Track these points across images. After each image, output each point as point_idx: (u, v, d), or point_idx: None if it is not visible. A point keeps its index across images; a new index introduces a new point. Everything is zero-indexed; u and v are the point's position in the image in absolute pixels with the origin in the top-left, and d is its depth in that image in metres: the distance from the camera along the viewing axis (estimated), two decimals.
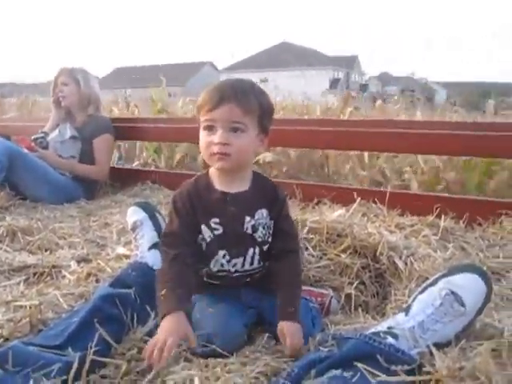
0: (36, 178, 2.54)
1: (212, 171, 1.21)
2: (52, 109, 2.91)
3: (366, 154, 3.20)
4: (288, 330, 1.10)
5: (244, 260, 1.20)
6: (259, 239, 1.20)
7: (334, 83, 45.58)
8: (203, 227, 1.17)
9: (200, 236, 1.18)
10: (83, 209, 2.45)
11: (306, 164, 3.47)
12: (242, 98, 1.11)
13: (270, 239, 1.23)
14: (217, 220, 1.17)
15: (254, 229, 1.19)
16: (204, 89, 1.15)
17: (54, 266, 1.56)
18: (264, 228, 1.21)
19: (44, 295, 1.30)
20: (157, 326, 1.10)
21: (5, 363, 0.90)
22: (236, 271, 1.20)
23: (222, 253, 1.18)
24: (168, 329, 1.02)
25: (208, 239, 1.18)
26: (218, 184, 1.19)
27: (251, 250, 1.20)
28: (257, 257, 1.21)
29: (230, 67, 51.07)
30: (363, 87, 50.33)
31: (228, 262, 1.19)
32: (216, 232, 1.17)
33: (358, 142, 2.38)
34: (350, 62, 54.38)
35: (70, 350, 0.99)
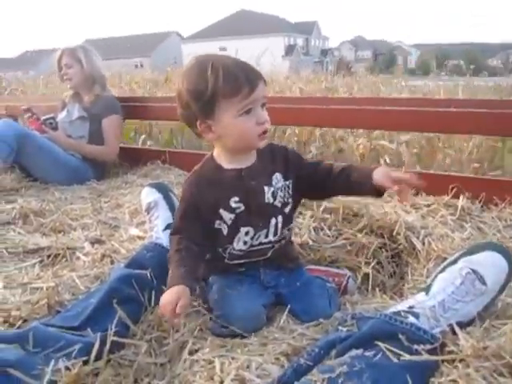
0: (46, 160, 2.52)
1: (218, 153, 1.19)
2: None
3: None
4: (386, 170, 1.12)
5: (267, 231, 1.19)
6: (279, 204, 1.19)
7: (290, 50, 46.52)
8: (222, 211, 1.15)
9: (217, 222, 1.16)
10: (94, 190, 2.43)
11: None
12: (261, 74, 1.11)
13: (289, 200, 1.21)
14: (236, 198, 1.15)
15: (274, 196, 1.18)
16: (198, 75, 1.07)
17: (68, 248, 1.55)
18: (282, 191, 1.20)
19: (60, 277, 1.31)
20: None
21: (26, 344, 0.90)
22: (260, 243, 1.19)
23: (244, 230, 1.17)
24: (168, 294, 1.02)
25: (229, 221, 1.16)
26: (227, 164, 1.17)
27: (273, 220, 1.19)
28: (280, 225, 1.20)
29: (191, 36, 51.95)
30: (324, 52, 50.43)
31: (252, 237, 1.18)
32: (238, 211, 1.15)
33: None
34: (309, 28, 54.79)
35: (89, 330, 0.99)
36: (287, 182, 1.21)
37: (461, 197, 1.84)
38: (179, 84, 1.12)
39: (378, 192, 1.15)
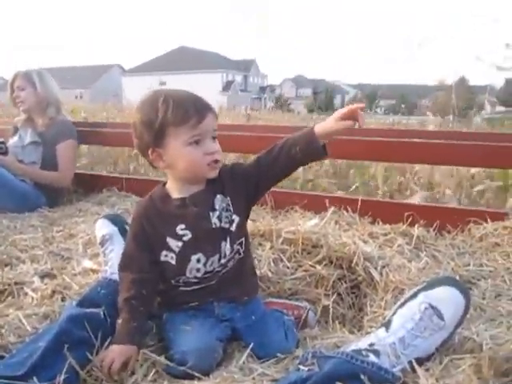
0: None
1: (170, 184, 1.21)
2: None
3: None
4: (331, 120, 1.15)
5: (220, 255, 1.18)
6: (226, 225, 1.18)
7: (227, 86, 49.47)
8: (169, 239, 1.16)
9: (164, 253, 1.16)
10: (46, 218, 2.33)
11: None
12: (211, 107, 1.15)
13: (233, 217, 1.20)
14: (183, 226, 1.16)
15: (220, 219, 1.18)
16: (150, 106, 1.11)
17: (15, 283, 1.46)
18: (226, 210, 1.19)
19: (5, 316, 1.22)
20: None
21: None
22: (213, 269, 1.18)
23: (195, 257, 1.16)
24: (115, 352, 1.05)
25: (177, 249, 1.16)
26: (177, 193, 1.19)
27: (223, 244, 1.18)
28: (228, 246, 1.19)
29: (132, 70, 53.61)
30: (263, 89, 53.98)
31: (205, 264, 1.17)
32: (185, 238, 1.16)
33: None
34: (247, 65, 57.82)
35: (35, 379, 0.92)
36: (227, 199, 1.20)
37: (416, 226, 1.88)
38: (134, 116, 1.15)
39: (324, 150, 1.16)
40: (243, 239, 1.23)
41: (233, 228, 1.19)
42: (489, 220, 1.93)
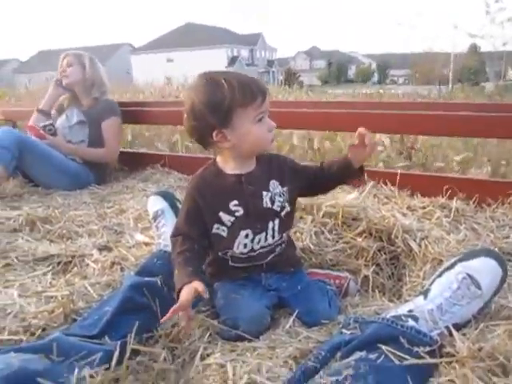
0: (47, 166, 2.55)
1: (223, 159, 1.26)
2: (50, 88, 2.89)
3: None
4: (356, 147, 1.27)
5: (266, 234, 1.26)
6: (278, 208, 1.26)
7: (233, 61, 49.08)
8: (222, 214, 1.22)
9: (216, 226, 1.23)
10: (96, 195, 2.47)
11: None
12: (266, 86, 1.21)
13: (285, 205, 1.28)
14: (236, 202, 1.22)
15: (272, 201, 1.25)
16: (214, 87, 1.14)
17: (77, 256, 1.60)
18: (280, 196, 1.27)
19: (72, 285, 1.35)
20: None
21: (50, 353, 0.95)
22: (261, 247, 1.26)
23: (244, 233, 1.23)
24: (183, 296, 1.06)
25: (229, 223, 1.23)
26: (230, 169, 1.25)
27: (271, 224, 1.26)
28: (276, 228, 1.27)
29: (140, 48, 53.97)
30: (270, 63, 53.09)
31: (252, 240, 1.24)
32: (237, 213, 1.22)
33: None
34: (254, 39, 57.51)
35: (106, 338, 1.04)
36: (284, 189, 1.28)
37: (455, 198, 1.90)
38: (192, 98, 1.16)
39: (361, 170, 1.32)
40: (290, 230, 1.34)
41: (283, 214, 1.27)
42: None
